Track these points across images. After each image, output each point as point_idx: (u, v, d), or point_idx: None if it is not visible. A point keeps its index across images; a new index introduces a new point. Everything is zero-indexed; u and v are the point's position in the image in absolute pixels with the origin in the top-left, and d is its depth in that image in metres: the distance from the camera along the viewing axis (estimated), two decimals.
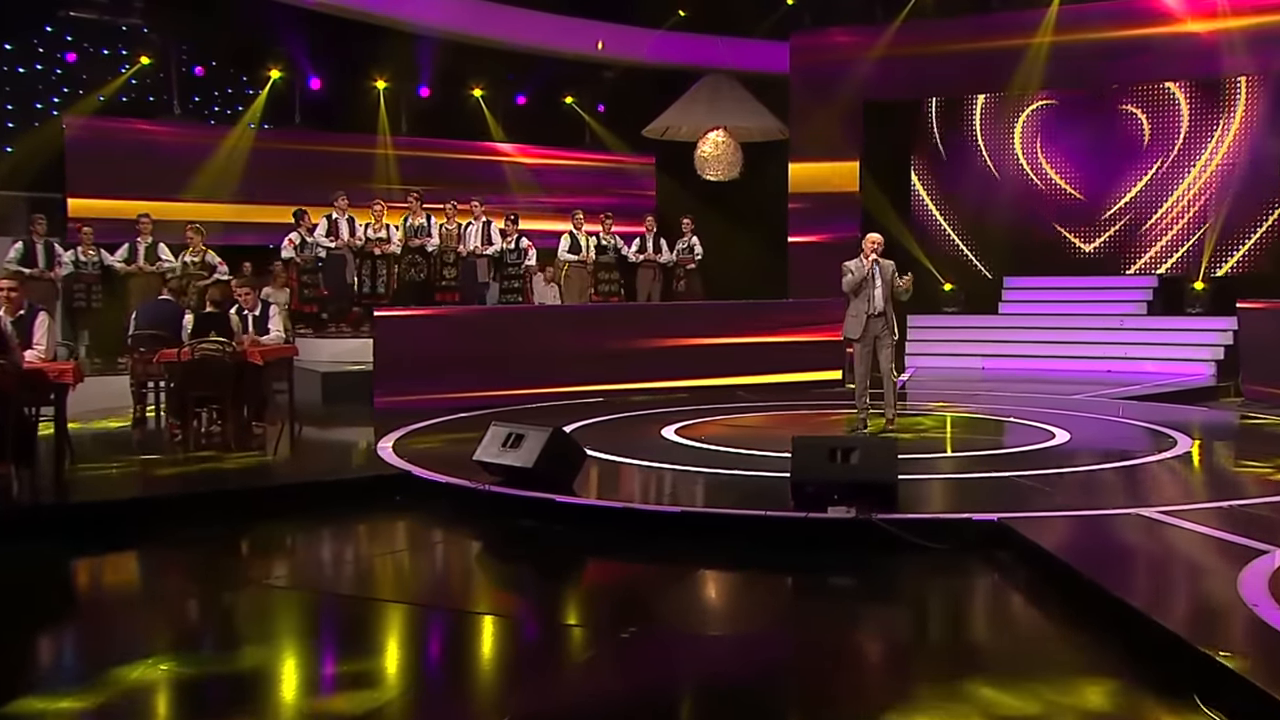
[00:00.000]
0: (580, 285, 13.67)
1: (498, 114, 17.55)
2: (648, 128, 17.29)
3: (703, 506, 6.36)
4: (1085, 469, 7.16)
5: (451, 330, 10.77)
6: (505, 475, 6.52)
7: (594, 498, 6.41)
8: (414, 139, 16.62)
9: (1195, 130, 15.17)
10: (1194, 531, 5.32)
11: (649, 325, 11.95)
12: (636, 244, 14.15)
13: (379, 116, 16.41)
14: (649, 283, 14.15)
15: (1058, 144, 16.05)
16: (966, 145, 16.66)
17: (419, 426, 9.02)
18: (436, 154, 16.76)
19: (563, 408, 10.25)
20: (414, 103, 16.81)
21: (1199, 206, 15.12)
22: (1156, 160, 15.38)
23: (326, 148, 15.73)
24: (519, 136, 17.60)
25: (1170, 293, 15.08)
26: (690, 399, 10.94)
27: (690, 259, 14.21)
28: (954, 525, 5.60)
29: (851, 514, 5.62)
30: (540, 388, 10.81)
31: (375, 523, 6.43)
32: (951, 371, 14.29)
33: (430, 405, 9.92)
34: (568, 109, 18.33)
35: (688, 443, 8.23)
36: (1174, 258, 15.37)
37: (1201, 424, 9.46)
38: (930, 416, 9.93)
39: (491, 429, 6.77)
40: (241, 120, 15.56)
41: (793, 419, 9.64)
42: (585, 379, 11.17)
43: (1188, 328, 14.40)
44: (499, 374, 10.67)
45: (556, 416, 8.79)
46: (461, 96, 17.22)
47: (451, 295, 13.10)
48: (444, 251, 13.15)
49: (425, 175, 15.70)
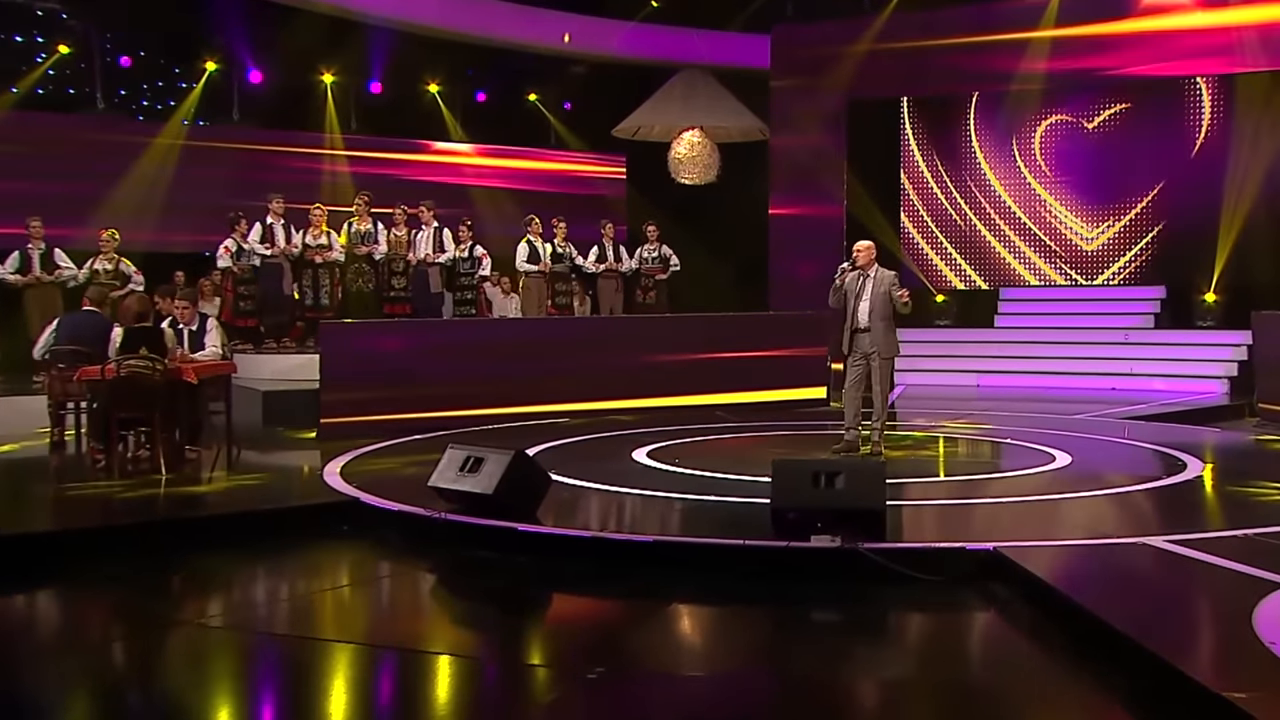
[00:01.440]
0: (539, 297, 13.69)
1: (456, 112, 17.59)
2: (617, 127, 17.36)
3: (677, 535, 6.34)
4: (1088, 494, 7.22)
5: (404, 345, 10.73)
6: (463, 502, 6.49)
7: (559, 526, 6.38)
8: (364, 138, 16.61)
9: (1210, 130, 15.32)
10: (1206, 563, 5.36)
11: (617, 339, 11.97)
12: (595, 252, 14.17)
13: (326, 114, 16.39)
14: (611, 294, 14.17)
15: (1059, 144, 16.24)
16: (961, 146, 16.83)
17: (369, 450, 8.97)
18: (389, 154, 16.78)
19: (526, 429, 10.21)
20: (365, 99, 16.81)
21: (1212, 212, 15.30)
22: (1166, 162, 15.55)
23: (268, 147, 15.69)
24: (479, 136, 17.63)
25: (1179, 304, 15.28)
26: (664, 419, 10.95)
27: (661, 269, 14.25)
28: (947, 555, 5.62)
29: (836, 543, 5.63)
30: (501, 407, 10.79)
31: (320, 555, 6.39)
32: (944, 390, 14.40)
33: (381, 427, 9.88)
34: (531, 107, 18.38)
35: (661, 466, 8.23)
36: (1183, 267, 15.54)
37: (1213, 446, 9.56)
38: (921, 438, 9.98)
39: (448, 452, 6.74)
40: (174, 116, 15.47)
41: (774, 440, 9.66)
42: (550, 398, 11.17)
43: (1198, 342, 14.60)
44: (457, 393, 10.65)
45: (519, 438, 8.78)
46: (416, 93, 17.24)
47: (403, 307, 13.06)
48: (391, 260, 13.11)
49: (376, 177, 15.68)
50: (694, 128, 16.92)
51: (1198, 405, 12.51)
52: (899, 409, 12.34)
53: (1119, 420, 11.17)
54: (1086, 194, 16.05)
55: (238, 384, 9.62)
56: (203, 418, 8.73)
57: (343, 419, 10.03)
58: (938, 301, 16.48)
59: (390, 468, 8.38)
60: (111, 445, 8.10)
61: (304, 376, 11.15)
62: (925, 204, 17.00)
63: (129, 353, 8.09)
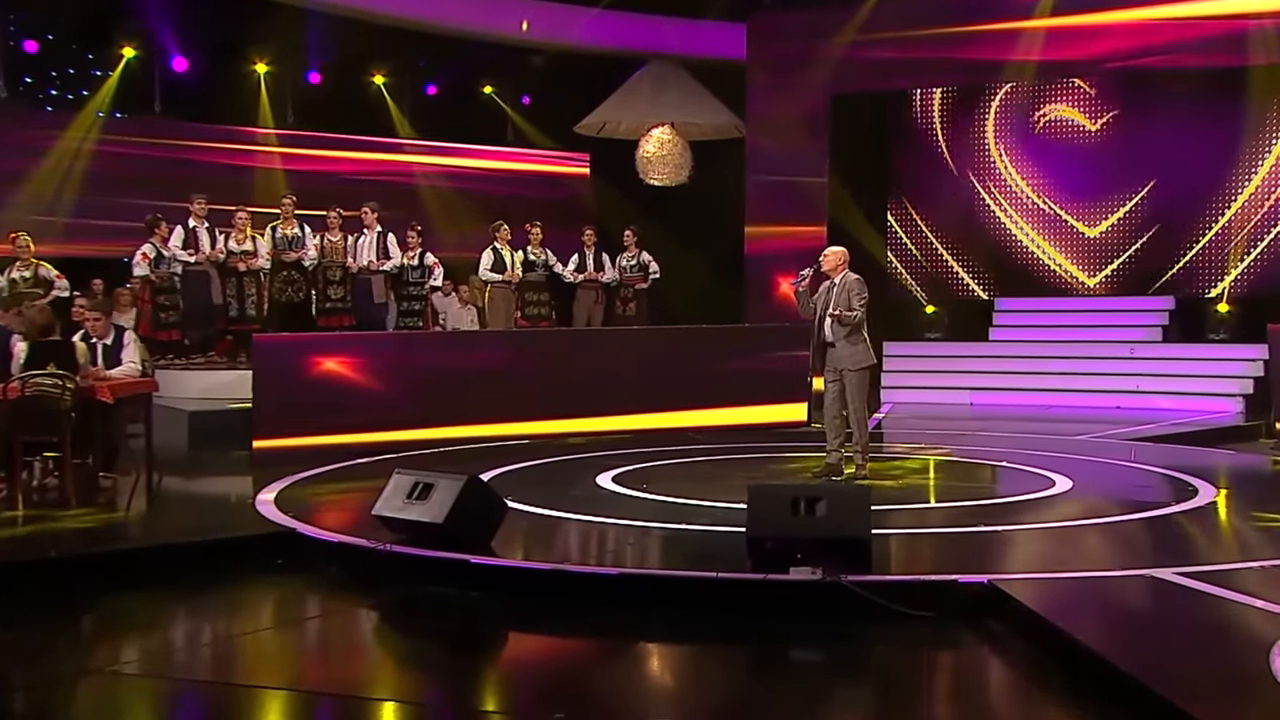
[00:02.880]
0: (505, 308, 13.66)
1: (403, 105, 17.57)
2: (581, 123, 17.39)
3: (644, 568, 6.34)
4: (1090, 522, 7.27)
5: (347, 360, 10.69)
6: (411, 533, 6.47)
7: (517, 558, 6.38)
8: (302, 134, 16.55)
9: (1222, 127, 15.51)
10: (1219, 597, 5.41)
11: (586, 355, 11.97)
12: (575, 260, 14.17)
13: (259, 106, 16.32)
14: (590, 305, 14.17)
15: (1058, 141, 16.40)
16: (953, 143, 16.97)
17: (307, 475, 8.92)
18: (329, 152, 16.72)
19: (480, 452, 10.18)
20: (302, 90, 16.75)
21: (1225, 216, 15.48)
22: (1174, 161, 15.72)
23: (194, 142, 15.59)
24: (429, 132, 17.60)
25: (1190, 316, 15.41)
26: (631, 441, 10.95)
27: (641, 277, 14.27)
28: (938, 589, 5.65)
29: (818, 575, 5.64)
30: (454, 428, 10.76)
31: (251, 592, 6.34)
32: (934, 408, 14.49)
33: (321, 450, 9.83)
34: (486, 101, 18.39)
35: (628, 492, 8.22)
36: (1195, 275, 15.71)
37: (1227, 470, 9.69)
38: (910, 460, 10.03)
39: (394, 478, 6.72)
40: (87, 107, 15.34)
41: (750, 463, 9.68)
42: (508, 418, 11.15)
43: (1210, 356, 14.75)
44: (405, 413, 10.62)
45: (473, 463, 8.76)
46: (360, 84, 17.20)
47: (340, 319, 12.99)
48: (326, 268, 13.04)
49: (315, 176, 15.62)
50: (664, 124, 16.97)
51: (1209, 425, 12.65)
52: (886, 429, 12.40)
53: (1124, 442, 11.26)
54: (1087, 195, 16.20)
55: (159, 403, 9.53)
56: (119, 441, 8.64)
57: (278, 441, 9.97)
58: (928, 313, 16.58)
59: (330, 495, 8.35)
60: (14, 472, 8.00)
61: (234, 395, 11.08)
62: (915, 205, 17.11)
63: (35, 369, 7.99)
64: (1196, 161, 15.46)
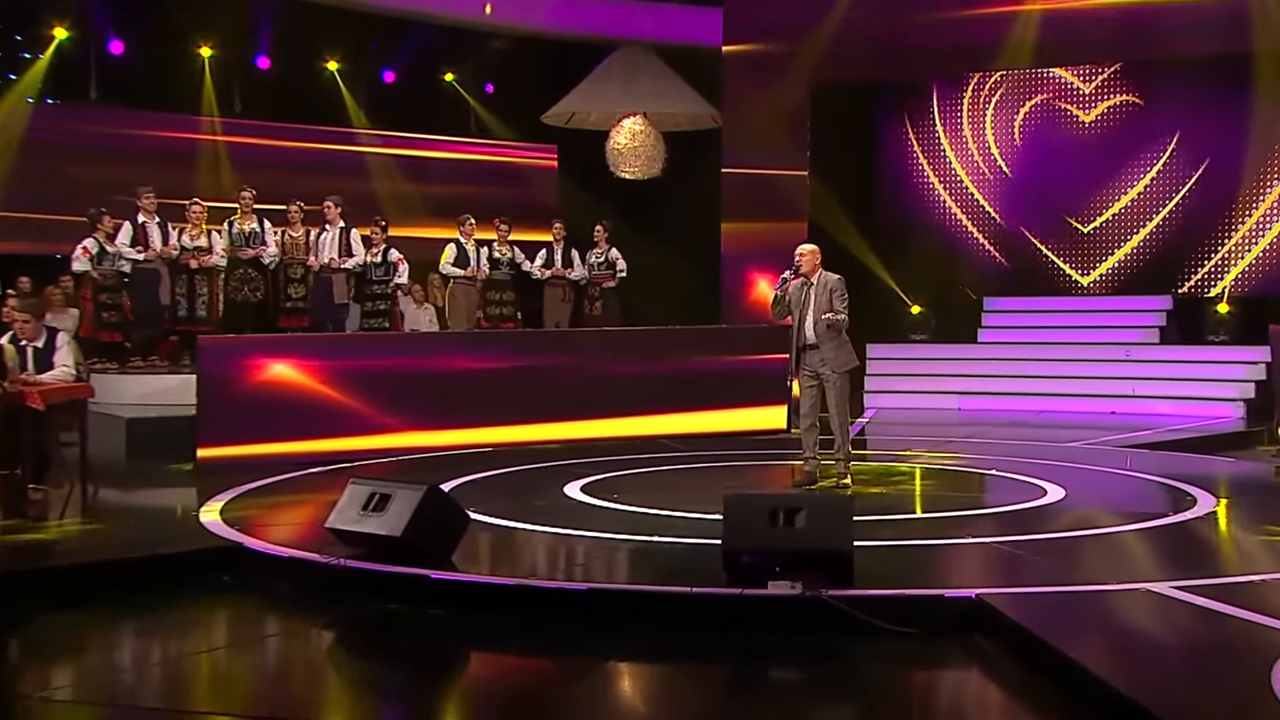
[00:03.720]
0: (467, 307, 13.64)
1: (359, 93, 17.51)
2: (548, 113, 17.39)
3: (614, 582, 6.35)
4: (1084, 533, 7.32)
5: (300, 363, 10.65)
6: (367, 546, 6.45)
7: (479, 573, 6.37)
8: (250, 122, 16.46)
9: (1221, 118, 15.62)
10: (1219, 612, 5.44)
11: (555, 357, 11.98)
12: (542, 257, 14.18)
13: (204, 93, 16.21)
14: (558, 304, 14.19)
15: (1053, 136, 16.51)
16: (942, 135, 17.06)
17: (255, 486, 8.88)
18: (280, 142, 16.63)
19: (441, 461, 10.17)
20: (250, 76, 16.67)
21: (1225, 211, 15.60)
22: (1172, 154, 15.87)
23: (133, 131, 15.48)
24: (386, 122, 17.55)
25: (1188, 316, 15.53)
26: (601, 449, 10.95)
27: (609, 275, 14.28)
28: (923, 604, 5.68)
29: (797, 590, 5.66)
30: (412, 435, 10.76)
31: (196, 612, 6.30)
32: (920, 413, 14.56)
33: (270, 459, 9.80)
34: (447, 89, 18.35)
35: (596, 503, 8.23)
36: (1193, 273, 15.85)
37: (1227, 479, 9.75)
38: (894, 469, 10.07)
39: (349, 488, 6.70)
40: (14, 92, 15.19)
41: (726, 472, 9.70)
42: (470, 424, 11.16)
43: (1210, 359, 14.86)
44: (361, 419, 10.60)
45: (432, 472, 8.73)
46: (312, 70, 17.13)
47: (299, 319, 12.93)
48: (287, 265, 12.98)
49: (265, 168, 15.54)
50: (636, 114, 16.98)
51: (1209, 431, 12.74)
52: (870, 436, 12.44)
53: (1119, 449, 11.35)
54: (1083, 189, 16.30)
55: (96, 410, 9.46)
56: (51, 451, 8.54)
57: (224, 450, 9.93)
58: (913, 313, 16.65)
59: (280, 507, 8.32)
60: None
61: (177, 400, 10.98)
62: (900, 200, 17.18)
63: None
64: (1199, 153, 15.60)
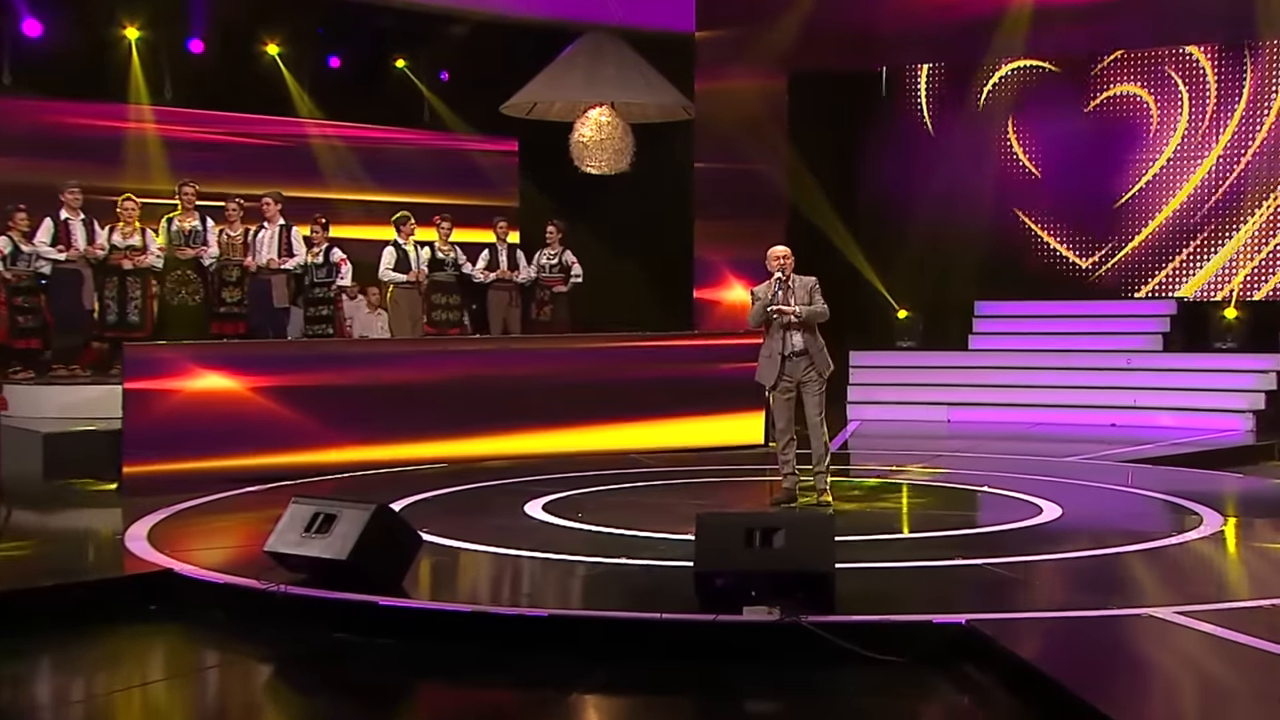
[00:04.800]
0: (411, 313, 13.62)
1: (303, 80, 17.41)
2: (508, 103, 17.36)
3: (579, 609, 6.37)
4: (1082, 554, 7.36)
5: (237, 372, 10.61)
6: (309, 571, 6.44)
7: (432, 599, 6.36)
8: (183, 111, 16.35)
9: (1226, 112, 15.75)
10: (1227, 640, 5.47)
11: (512, 366, 11.99)
12: (485, 258, 14.18)
13: (131, 79, 16.09)
14: (503, 309, 14.21)
15: (1047, 128, 16.62)
16: (929, 127, 17.14)
17: (187, 506, 8.84)
18: (215, 133, 16.52)
19: (391, 478, 10.16)
20: (183, 61, 16.54)
21: (1231, 209, 15.72)
22: (1176, 149, 16.01)
23: (53, 120, 15.34)
24: (332, 111, 17.48)
25: (1194, 322, 15.62)
26: (564, 465, 10.96)
27: (561, 279, 14.30)
28: (910, 630, 5.70)
29: (775, 616, 5.67)
30: (360, 450, 10.74)
31: (121, 644, 6.27)
32: (907, 425, 14.63)
33: (204, 477, 9.76)
34: (399, 76, 18.30)
35: (560, 523, 8.24)
36: (1198, 276, 15.98)
37: (1235, 496, 9.83)
38: (879, 485, 10.11)
39: (291, 508, 6.69)
40: None
41: (698, 489, 9.72)
42: (422, 438, 11.16)
43: (1217, 368, 14.94)
44: (304, 433, 10.58)
45: (382, 490, 8.71)
46: (251, 55, 17.03)
47: (236, 325, 12.88)
48: (223, 266, 12.92)
49: (200, 160, 15.45)
50: (602, 105, 16.99)
51: (1216, 445, 12.82)
52: (853, 450, 12.48)
53: (1120, 464, 11.43)
54: (1080, 185, 16.40)
55: (8, 424, 9.40)
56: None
57: (153, 467, 9.87)
58: (900, 318, 16.71)
59: (214, 529, 8.27)
60: None
61: (102, 413, 10.93)
62: (887, 197, 17.25)
63: None
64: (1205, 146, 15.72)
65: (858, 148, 17.44)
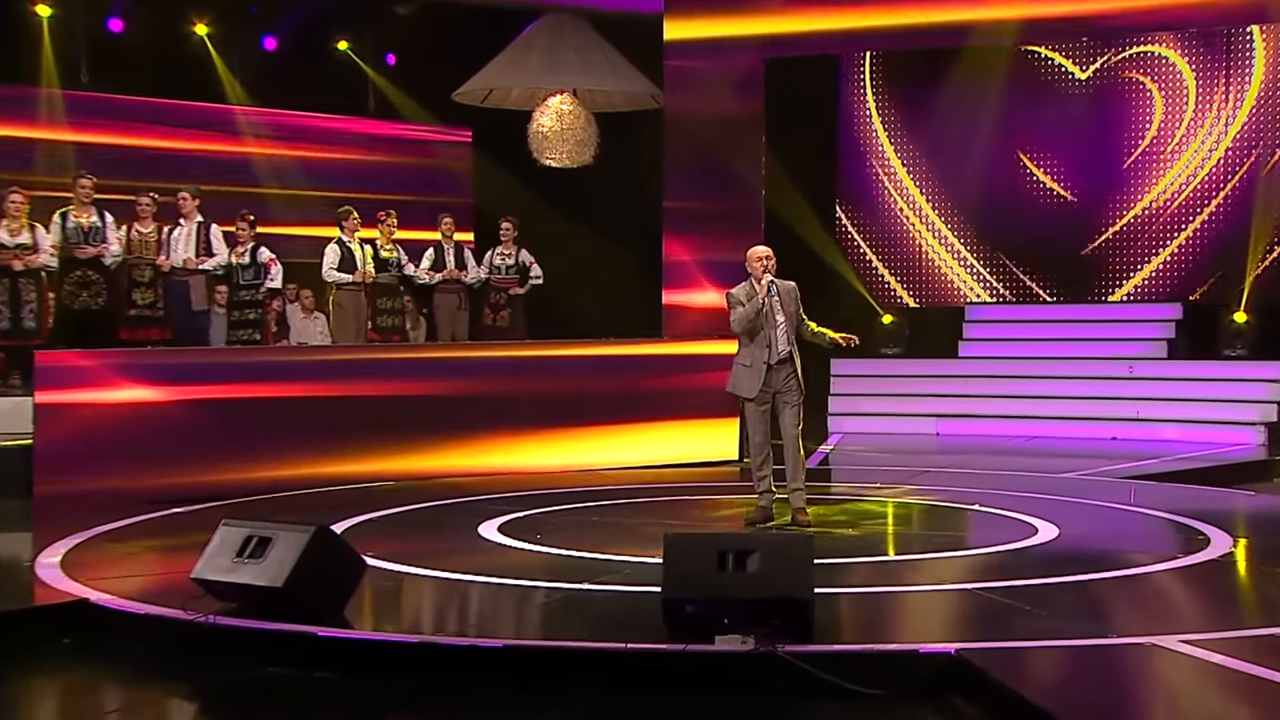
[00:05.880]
0: (355, 316, 13.58)
1: (234, 63, 17.34)
2: (460, 90, 17.33)
3: (537, 639, 6.36)
4: (1080, 578, 7.38)
5: (158, 383, 10.57)
6: (241, 599, 6.40)
7: (376, 629, 6.34)
8: (99, 96, 16.24)
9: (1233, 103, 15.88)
10: (1235, 670, 5.48)
11: (458, 375, 11.98)
12: (430, 257, 14.17)
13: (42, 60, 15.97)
14: (452, 313, 14.21)
15: (1040, 120, 16.72)
16: (916, 117, 17.21)
17: (104, 530, 8.78)
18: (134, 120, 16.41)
19: (331, 497, 10.14)
20: (100, 41, 16.44)
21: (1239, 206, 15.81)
22: (1179, 144, 16.12)
23: None
24: (267, 97, 17.41)
25: (1201, 327, 15.70)
26: (522, 482, 10.97)
27: (516, 281, 14.30)
28: (895, 661, 5.70)
29: (749, 645, 5.68)
30: (297, 468, 10.71)
31: (29, 681, 6.19)
32: (892, 439, 14.69)
33: (124, 496, 9.70)
34: (341, 59, 18.25)
35: (516, 544, 8.24)
36: (1206, 278, 16.06)
37: (1245, 515, 9.91)
38: (861, 504, 10.13)
39: (221, 531, 6.65)
40: None
41: (667, 508, 9.73)
42: (366, 455, 11.18)
43: (1226, 376, 15.05)
44: (234, 449, 10.56)
45: (321, 511, 8.69)
46: (177, 34, 16.94)
47: (151, 331, 12.77)
48: (133, 266, 12.82)
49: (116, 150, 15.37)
50: (563, 92, 16.99)
51: (1225, 460, 12.91)
52: (834, 465, 12.52)
53: (1121, 480, 11.49)
54: (1078, 182, 16.51)
55: None
56: None
57: (66, 487, 9.83)
58: (884, 323, 16.76)
59: (135, 555, 8.21)
60: None
61: (6, 429, 10.82)
62: (870, 194, 17.32)
63: None
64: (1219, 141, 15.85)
65: (839, 139, 17.49)
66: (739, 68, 16.10)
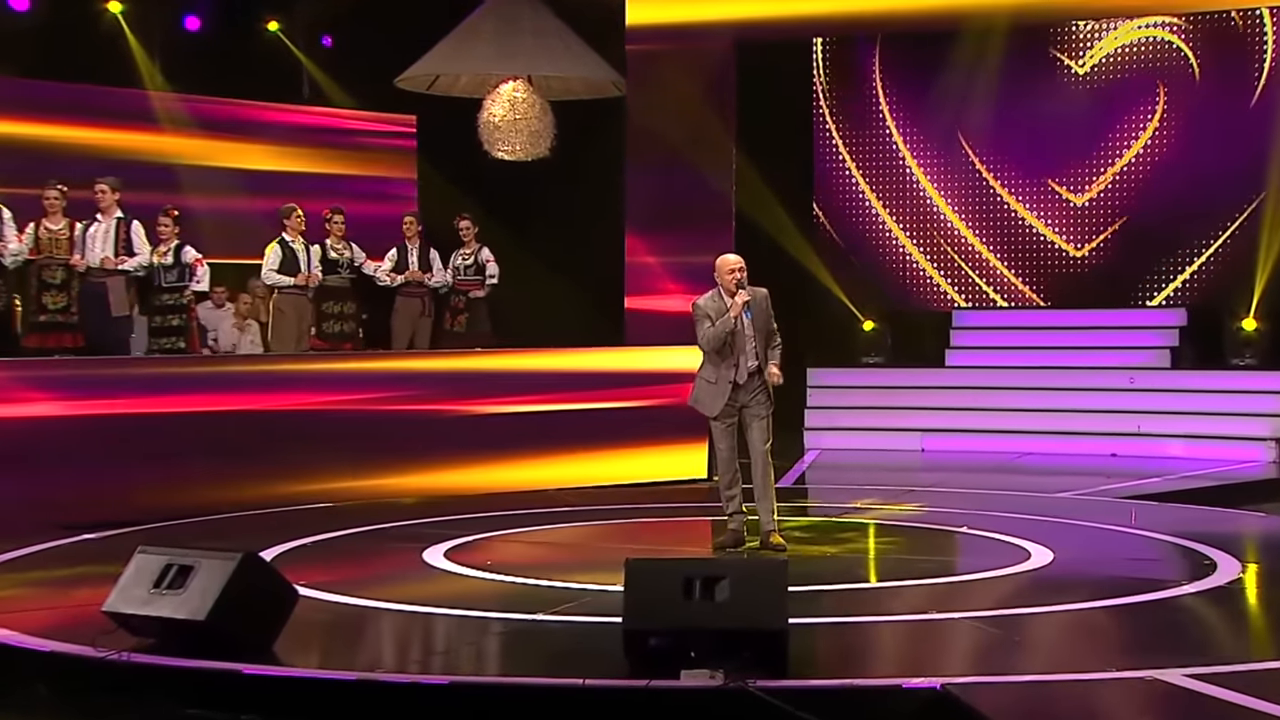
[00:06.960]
0: (298, 323, 13.51)
1: (152, 45, 17.26)
2: (403, 75, 17.30)
3: (485, 675, 6.35)
4: (1076, 607, 7.41)
5: (70, 396, 10.53)
6: (159, 634, 6.38)
7: (309, 665, 6.32)
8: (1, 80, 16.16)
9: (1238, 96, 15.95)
10: (1242, 707, 5.49)
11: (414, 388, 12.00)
12: (391, 258, 14.15)
13: None
14: (413, 318, 14.17)
15: (1036, 112, 16.80)
16: (900, 107, 17.28)
17: (5, 559, 8.76)
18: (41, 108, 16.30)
19: (261, 521, 10.12)
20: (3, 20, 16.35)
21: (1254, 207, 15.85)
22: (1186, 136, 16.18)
23: None
24: (188, 83, 17.33)
25: (1207, 335, 15.74)
26: (470, 504, 10.97)
27: (477, 282, 14.29)
28: (876, 696, 5.71)
29: (718, 680, 5.67)
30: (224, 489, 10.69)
31: None
32: (874, 455, 14.73)
33: (27, 522, 9.64)
34: (271, 41, 18.20)
35: (465, 572, 8.24)
36: (1212, 282, 16.13)
37: (1256, 538, 10.00)
38: (839, 525, 10.16)
39: (137, 559, 6.62)
40: None
41: (629, 531, 9.74)
42: (301, 474, 11.16)
43: (1234, 388, 15.14)
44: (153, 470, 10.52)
45: (250, 536, 8.70)
46: (90, 13, 16.86)
47: (62, 337, 12.67)
48: (42, 267, 12.73)
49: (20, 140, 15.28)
50: (516, 79, 16.99)
51: (1233, 479, 13.00)
52: (810, 484, 12.54)
53: (1121, 500, 11.54)
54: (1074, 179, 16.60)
55: None
56: None
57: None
58: (865, 330, 16.79)
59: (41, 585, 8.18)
60: None
61: None
62: (848, 190, 17.36)
63: None
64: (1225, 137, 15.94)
65: (815, 130, 17.53)
66: (708, 54, 16.12)
